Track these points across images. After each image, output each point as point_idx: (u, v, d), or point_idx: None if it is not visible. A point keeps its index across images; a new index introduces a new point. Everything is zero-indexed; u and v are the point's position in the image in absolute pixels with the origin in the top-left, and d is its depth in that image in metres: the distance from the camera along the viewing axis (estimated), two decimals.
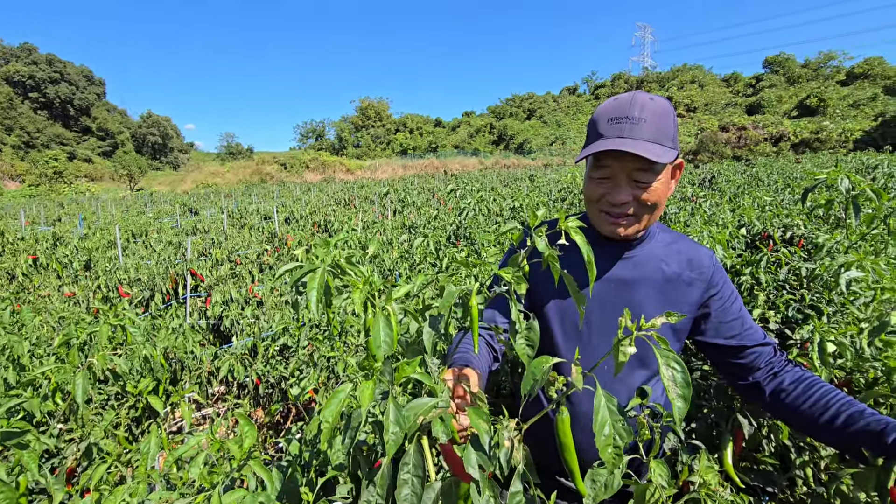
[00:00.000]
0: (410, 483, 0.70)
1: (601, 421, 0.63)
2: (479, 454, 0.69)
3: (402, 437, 0.68)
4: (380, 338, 0.74)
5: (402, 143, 72.09)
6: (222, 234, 6.66)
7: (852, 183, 2.18)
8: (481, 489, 0.69)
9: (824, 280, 2.25)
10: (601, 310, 1.21)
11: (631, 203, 1.11)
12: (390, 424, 0.68)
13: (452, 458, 0.73)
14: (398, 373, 0.72)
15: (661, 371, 0.62)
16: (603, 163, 1.11)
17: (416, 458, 0.72)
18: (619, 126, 1.06)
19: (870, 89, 46.88)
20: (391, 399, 0.69)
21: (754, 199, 5.81)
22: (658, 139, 1.06)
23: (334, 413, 0.70)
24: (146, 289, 3.94)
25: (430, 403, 0.72)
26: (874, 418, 0.97)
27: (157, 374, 2.04)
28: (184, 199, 19.59)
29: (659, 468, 0.77)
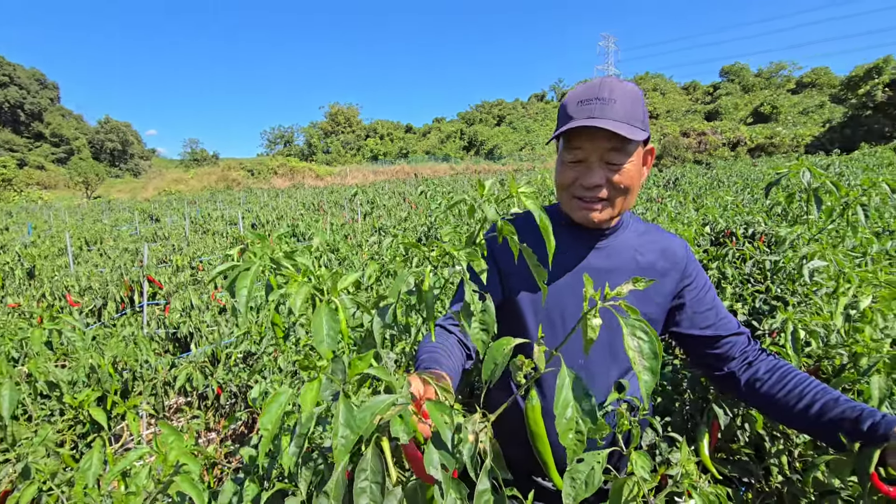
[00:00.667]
0: (369, 491, 0.63)
1: (563, 402, 0.57)
2: (441, 452, 0.62)
3: (353, 441, 0.60)
4: (322, 332, 0.67)
5: (373, 148, 71.69)
6: (184, 241, 6.39)
7: (813, 175, 2.24)
8: (444, 491, 0.62)
9: (788, 272, 2.30)
10: (576, 300, 1.18)
11: (604, 186, 1.08)
12: (339, 427, 0.60)
13: (416, 460, 0.67)
14: (351, 370, 0.65)
15: (626, 341, 0.57)
16: (574, 144, 1.08)
17: (375, 463, 0.64)
18: (589, 107, 1.04)
19: (817, 97, 49.63)
20: (342, 399, 0.62)
21: (716, 199, 5.99)
22: (628, 119, 1.03)
23: (274, 419, 0.62)
24: (98, 297, 3.69)
25: (388, 401, 0.65)
26: (849, 405, 0.96)
27: (105, 386, 1.88)
28: (144, 206, 18.82)
29: (640, 459, 0.73)
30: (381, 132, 76.03)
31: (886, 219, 3.60)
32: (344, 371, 0.67)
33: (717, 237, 3.86)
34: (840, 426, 0.95)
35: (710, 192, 6.76)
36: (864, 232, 2.55)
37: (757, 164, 19.51)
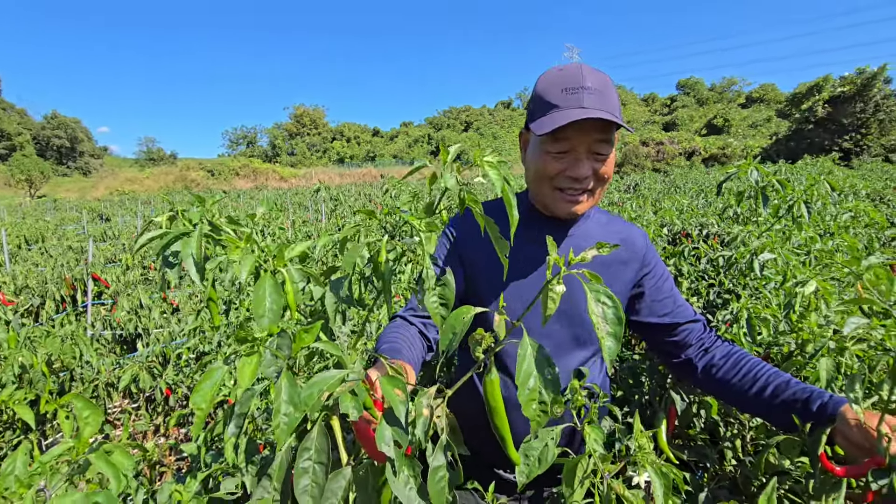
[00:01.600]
0: (311, 472, 0.59)
1: (525, 372, 0.55)
2: (394, 429, 0.59)
3: (297, 420, 0.56)
4: (265, 305, 0.61)
5: (340, 151, 70.75)
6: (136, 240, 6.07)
7: (761, 174, 2.34)
8: (397, 469, 0.58)
9: (740, 268, 2.39)
10: (537, 290, 1.17)
11: (591, 177, 1.06)
12: (282, 405, 0.56)
13: (367, 439, 0.63)
14: (296, 343, 0.60)
15: (590, 307, 0.55)
16: (562, 135, 1.03)
17: (320, 442, 0.60)
18: (577, 96, 1.00)
19: (765, 112, 52.65)
20: (285, 374, 0.57)
21: (674, 202, 6.21)
22: (613, 109, 1.02)
23: (207, 398, 0.57)
24: (36, 296, 3.43)
25: (338, 376, 0.61)
26: (799, 387, 0.99)
27: (38, 387, 1.74)
28: (94, 205, 17.83)
29: (594, 432, 0.71)
30: (347, 135, 75.19)
31: (827, 221, 3.82)
32: (289, 346, 0.62)
33: (674, 237, 4.01)
34: (791, 408, 0.96)
35: (667, 197, 7.01)
36: (809, 231, 2.69)
37: (710, 173, 20.47)
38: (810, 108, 32.28)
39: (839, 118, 30.47)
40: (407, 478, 0.59)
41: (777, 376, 1.04)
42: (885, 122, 29.56)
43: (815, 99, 32.35)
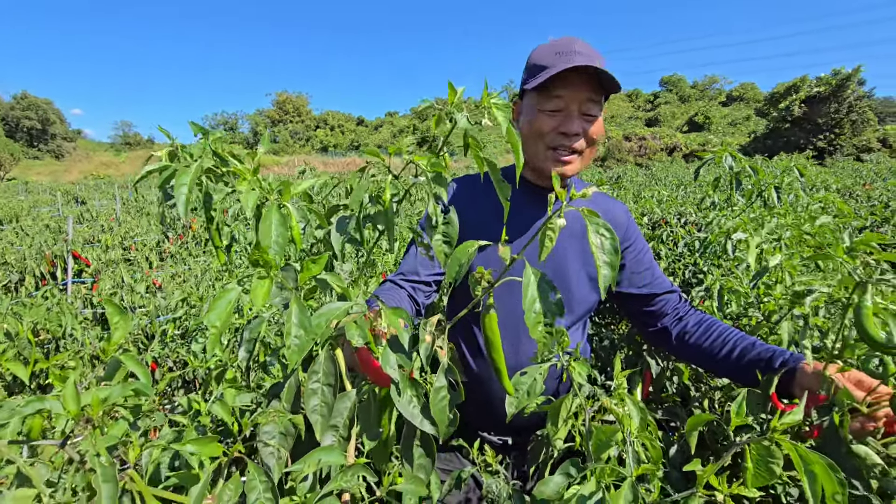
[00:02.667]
0: (320, 392, 0.63)
1: (530, 298, 0.60)
2: (397, 354, 0.64)
3: (308, 343, 0.59)
4: (271, 236, 0.63)
5: (323, 140, 69.81)
6: (115, 222, 5.96)
7: (735, 160, 2.45)
8: (401, 389, 0.63)
9: (714, 250, 2.50)
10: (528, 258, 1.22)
11: (581, 136, 1.12)
12: (292, 328, 0.59)
13: (370, 366, 0.68)
14: (303, 273, 0.64)
15: (590, 238, 0.60)
16: (555, 93, 1.10)
17: (328, 366, 0.65)
18: (568, 57, 1.07)
19: (744, 110, 53.70)
20: (295, 300, 0.61)
21: (654, 193, 6.37)
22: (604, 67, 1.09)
23: (222, 316, 0.58)
24: (14, 272, 3.36)
25: (344, 307, 0.66)
26: (763, 348, 1.07)
27: (24, 353, 1.74)
28: (68, 188, 17.31)
29: (580, 367, 0.77)
30: (331, 123, 74.19)
31: (799, 212, 3.99)
32: (295, 278, 0.66)
33: (654, 225, 4.14)
34: (757, 366, 1.04)
35: (648, 189, 7.16)
36: (781, 219, 2.81)
37: (690, 168, 20.88)
38: (787, 108, 33.08)
39: (814, 118, 31.31)
40: (410, 397, 0.64)
41: (744, 339, 1.12)
42: (858, 123, 30.51)
43: (792, 99, 33.15)
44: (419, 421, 0.63)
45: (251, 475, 0.56)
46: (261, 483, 0.56)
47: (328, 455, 0.59)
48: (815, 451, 0.51)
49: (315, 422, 0.61)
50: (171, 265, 4.22)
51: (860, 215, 5.03)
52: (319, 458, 0.59)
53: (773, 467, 0.51)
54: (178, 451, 0.60)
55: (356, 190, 0.67)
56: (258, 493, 0.55)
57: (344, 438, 0.64)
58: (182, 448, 0.56)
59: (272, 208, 0.63)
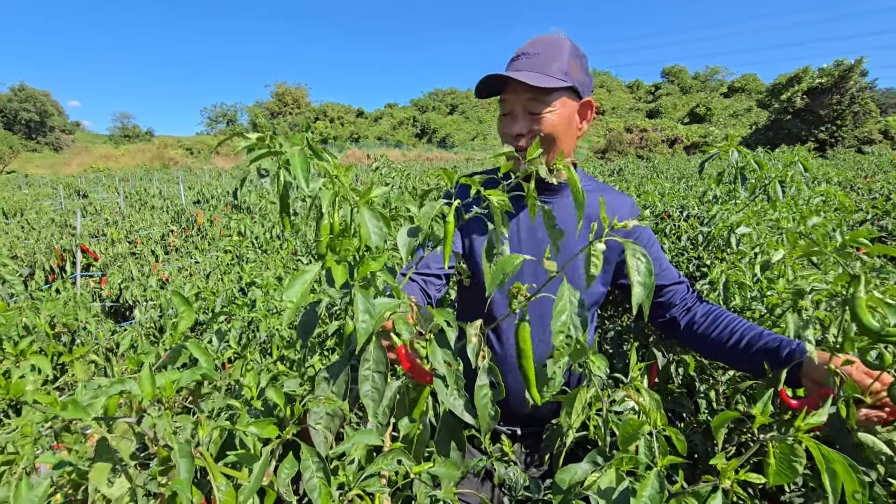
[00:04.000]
0: (371, 379, 0.68)
1: (560, 308, 0.64)
2: (444, 350, 0.68)
3: (372, 326, 0.63)
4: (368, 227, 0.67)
5: (323, 132, 69.53)
6: (119, 215, 5.98)
7: (740, 154, 2.47)
8: (448, 383, 0.68)
9: (718, 243, 2.54)
10: (535, 263, 1.25)
11: (525, 135, 1.16)
12: (359, 313, 0.63)
13: (411, 362, 0.72)
14: (362, 268, 0.68)
15: (628, 261, 0.64)
16: (502, 98, 1.18)
17: (378, 355, 0.69)
18: (515, 63, 1.14)
19: (746, 102, 53.43)
20: (358, 289, 0.65)
21: (656, 186, 6.38)
22: (544, 70, 1.12)
23: (300, 292, 0.62)
24: (24, 266, 3.39)
25: (395, 303, 0.70)
26: (771, 337, 1.09)
27: (42, 345, 1.78)
28: (69, 181, 17.29)
29: (598, 360, 0.81)
30: (331, 115, 73.85)
31: (801, 205, 4.02)
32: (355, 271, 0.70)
33: (656, 219, 4.17)
34: (765, 356, 1.07)
35: (650, 181, 7.18)
36: (783, 210, 2.84)
37: (691, 160, 20.85)
38: (789, 99, 32.93)
39: (816, 109, 31.18)
40: (452, 390, 0.68)
41: (751, 329, 1.15)
42: (860, 115, 30.38)
43: (794, 90, 32.99)
44: (461, 412, 0.68)
45: (304, 455, 0.60)
46: (314, 463, 0.60)
47: (369, 438, 0.64)
48: (836, 451, 0.54)
49: (368, 405, 0.66)
50: (177, 259, 4.26)
51: (861, 208, 5.06)
52: (362, 440, 0.63)
53: (795, 465, 0.55)
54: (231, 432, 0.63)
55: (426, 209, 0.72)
56: (311, 473, 0.59)
57: (382, 424, 0.68)
58: (245, 429, 0.59)
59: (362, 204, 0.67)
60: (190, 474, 0.52)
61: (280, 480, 0.59)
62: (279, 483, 0.59)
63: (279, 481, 0.59)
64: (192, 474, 0.52)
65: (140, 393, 0.55)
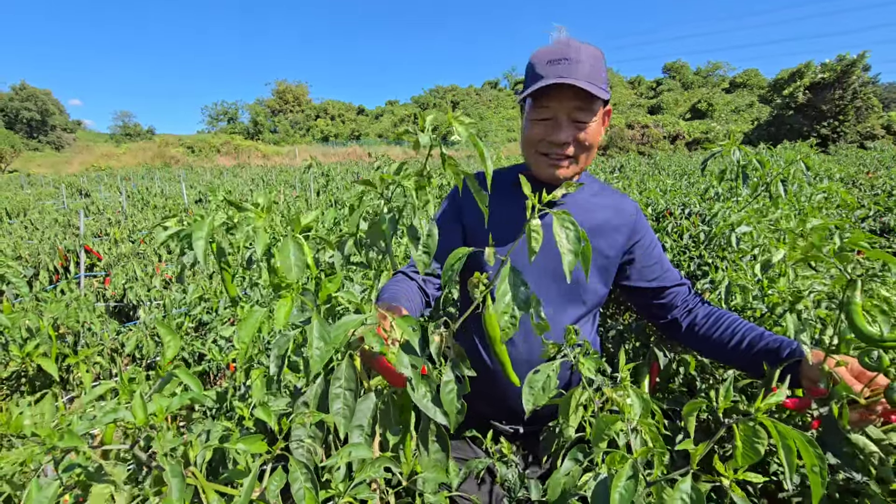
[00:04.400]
0: (343, 397, 0.69)
1: (503, 291, 0.65)
2: (410, 356, 0.70)
3: (328, 352, 0.65)
4: (290, 260, 0.70)
5: (324, 129, 69.48)
6: (121, 215, 6.00)
7: (742, 153, 2.47)
8: (415, 385, 0.69)
9: (719, 242, 2.54)
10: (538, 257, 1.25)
11: (571, 143, 1.15)
12: (314, 340, 0.65)
13: (388, 370, 0.73)
14: (322, 292, 0.70)
15: (555, 231, 0.65)
16: (543, 103, 1.13)
17: (348, 373, 0.70)
18: (558, 67, 1.09)
19: (748, 97, 53.21)
20: (315, 316, 0.67)
21: (657, 183, 6.37)
22: (593, 79, 1.10)
23: (250, 332, 0.65)
24: (29, 266, 3.42)
25: (359, 319, 0.71)
26: (771, 338, 1.10)
27: (45, 348, 1.79)
28: (71, 180, 17.31)
29: (588, 362, 0.82)
30: (331, 112, 73.76)
31: (802, 202, 4.01)
32: (314, 298, 0.72)
33: (658, 216, 4.17)
34: (765, 356, 1.08)
35: (651, 178, 7.17)
36: (784, 208, 2.84)
37: (693, 156, 20.81)
38: (791, 94, 32.77)
39: (818, 104, 31.04)
40: (424, 392, 0.70)
41: (752, 330, 1.15)
42: (862, 110, 30.24)
43: (797, 85, 32.83)
44: (433, 412, 0.69)
45: (293, 468, 0.61)
46: (302, 475, 0.62)
47: (357, 450, 0.65)
48: (795, 429, 0.56)
49: (339, 423, 0.67)
50: (173, 259, 4.27)
51: (863, 205, 5.05)
52: (350, 452, 0.64)
53: (757, 447, 0.56)
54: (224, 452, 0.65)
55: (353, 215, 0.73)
56: (300, 484, 0.61)
57: (369, 435, 0.70)
58: (234, 447, 0.61)
59: (288, 240, 0.68)
60: (181, 493, 0.53)
61: (270, 492, 0.60)
62: (269, 495, 0.60)
63: (269, 492, 0.60)
64: (183, 493, 0.53)
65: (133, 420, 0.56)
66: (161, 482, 0.56)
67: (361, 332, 0.71)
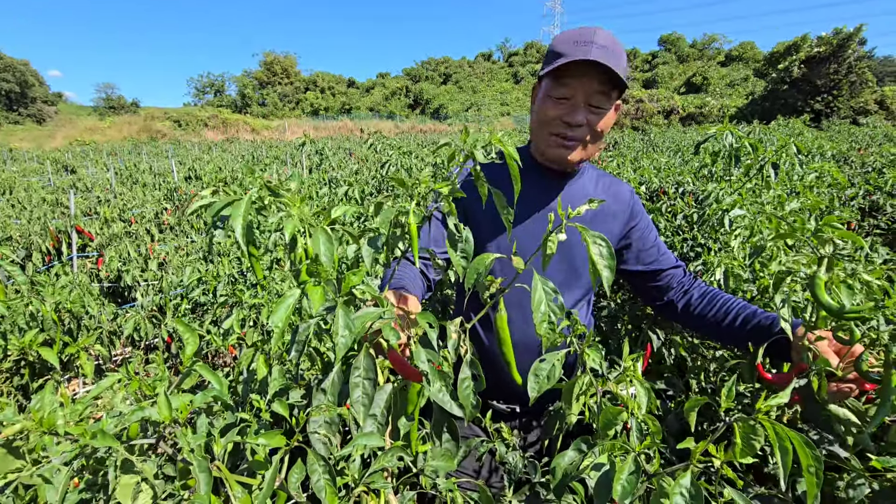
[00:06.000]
0: (362, 386, 0.71)
1: (538, 299, 0.69)
2: (427, 350, 0.72)
3: (351, 341, 0.67)
4: (322, 249, 0.72)
5: (313, 103, 68.04)
6: (110, 193, 5.91)
7: (735, 137, 2.48)
8: (431, 380, 0.72)
9: (712, 223, 2.58)
10: (534, 242, 1.27)
11: (585, 127, 1.15)
12: (339, 328, 0.67)
13: (401, 363, 0.76)
14: (344, 283, 0.71)
15: (590, 249, 0.68)
16: (564, 81, 1.12)
17: (367, 363, 0.72)
18: (585, 48, 1.08)
19: (743, 71, 52.68)
20: (340, 305, 0.69)
21: (652, 161, 6.38)
22: (616, 67, 1.10)
23: (283, 318, 0.67)
24: (20, 248, 3.38)
25: (378, 312, 0.73)
26: (763, 315, 1.14)
27: (50, 333, 1.81)
28: (56, 155, 16.92)
29: (593, 353, 0.85)
30: (321, 85, 72.09)
31: (795, 181, 4.05)
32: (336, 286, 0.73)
33: (652, 195, 4.19)
34: (758, 333, 1.12)
35: (646, 155, 7.16)
36: (777, 188, 2.87)
37: (687, 132, 20.74)
38: (786, 69, 32.53)
39: (813, 79, 30.87)
40: (440, 387, 0.72)
41: (745, 308, 1.19)
42: (856, 84, 30.14)
43: (792, 59, 32.56)
44: (449, 406, 0.72)
45: (311, 460, 0.64)
46: (320, 466, 0.64)
47: (370, 440, 0.68)
48: (792, 430, 0.59)
49: (358, 411, 0.69)
50: (172, 238, 4.24)
51: (854, 183, 5.10)
52: (364, 442, 0.67)
53: (753, 443, 0.59)
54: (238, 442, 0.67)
55: (384, 213, 0.74)
56: (318, 475, 0.64)
57: (382, 425, 0.73)
58: (255, 441, 0.63)
59: (319, 229, 0.69)
60: (209, 487, 0.56)
61: (291, 484, 0.63)
62: (290, 487, 0.63)
63: (290, 485, 0.63)
64: (210, 487, 0.56)
65: (158, 417, 0.58)
66: (184, 475, 0.59)
67: (379, 324, 0.73)
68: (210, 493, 0.55)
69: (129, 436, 0.62)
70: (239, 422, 0.70)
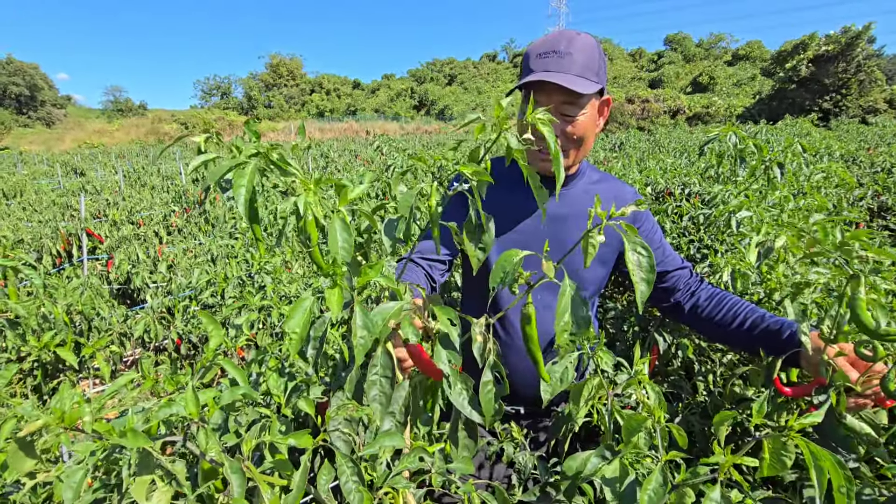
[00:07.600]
0: (379, 384, 0.71)
1: (563, 307, 0.67)
2: (448, 351, 0.72)
3: (370, 341, 0.66)
4: (337, 242, 0.68)
5: (319, 104, 68.21)
6: (119, 195, 5.96)
7: (739, 138, 2.48)
8: (452, 382, 0.71)
9: (718, 225, 2.57)
10: (536, 244, 1.28)
11: (559, 137, 1.16)
12: (357, 329, 0.66)
13: (421, 359, 0.75)
14: (361, 278, 0.70)
15: (627, 256, 0.67)
16: (533, 97, 1.15)
17: (385, 360, 0.72)
18: (546, 60, 1.11)
19: (750, 70, 52.27)
20: (357, 304, 0.68)
21: (657, 161, 6.36)
22: (582, 73, 1.11)
23: (301, 322, 0.65)
24: (32, 251, 3.43)
25: (397, 307, 0.72)
26: (773, 320, 1.13)
27: (62, 335, 1.83)
28: (65, 158, 17.08)
29: (605, 356, 0.86)
30: (327, 87, 72.28)
31: (801, 181, 4.02)
32: (352, 281, 0.72)
33: (658, 196, 4.17)
34: (766, 338, 1.11)
35: (651, 156, 7.14)
36: (783, 190, 2.86)
37: (693, 132, 20.63)
38: (794, 68, 32.22)
39: (821, 78, 30.56)
40: (460, 389, 0.72)
41: (753, 312, 1.19)
42: (865, 83, 29.80)
43: (800, 58, 32.24)
44: (468, 411, 0.71)
45: (339, 461, 0.64)
46: (347, 468, 0.65)
47: (391, 439, 0.68)
48: (823, 448, 0.58)
49: (375, 410, 0.69)
50: (181, 240, 4.28)
51: (862, 184, 5.05)
52: (388, 442, 0.68)
53: (784, 460, 0.59)
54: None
55: (405, 195, 0.72)
56: (346, 477, 0.64)
57: (401, 423, 0.73)
58: (284, 441, 0.64)
59: (335, 217, 0.67)
60: (243, 489, 0.56)
61: (320, 486, 0.63)
62: (320, 489, 0.63)
63: (319, 488, 0.63)
64: (244, 489, 0.56)
65: (185, 414, 0.59)
66: (210, 476, 0.60)
67: (399, 319, 0.72)
68: (244, 493, 0.55)
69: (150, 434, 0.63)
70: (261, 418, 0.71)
